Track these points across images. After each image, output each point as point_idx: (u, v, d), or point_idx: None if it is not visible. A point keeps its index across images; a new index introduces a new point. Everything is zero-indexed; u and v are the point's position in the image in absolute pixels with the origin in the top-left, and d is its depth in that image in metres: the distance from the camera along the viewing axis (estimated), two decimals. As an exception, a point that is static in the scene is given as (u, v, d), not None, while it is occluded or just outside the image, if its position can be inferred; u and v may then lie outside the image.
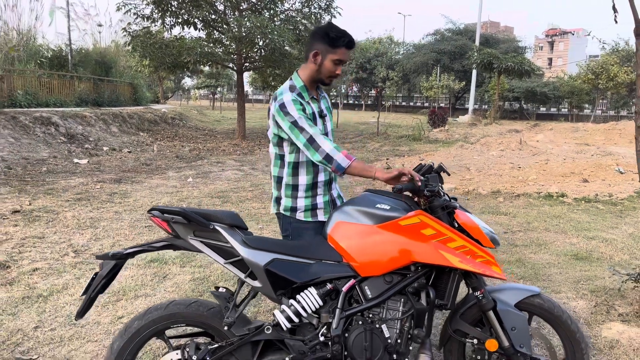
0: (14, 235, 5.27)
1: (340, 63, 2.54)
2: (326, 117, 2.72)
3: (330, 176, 2.72)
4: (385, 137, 17.78)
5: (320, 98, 2.72)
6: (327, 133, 2.72)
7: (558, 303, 2.44)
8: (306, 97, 2.58)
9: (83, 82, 20.71)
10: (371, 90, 57.23)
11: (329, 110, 2.79)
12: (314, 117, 2.59)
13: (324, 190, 2.69)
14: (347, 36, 2.53)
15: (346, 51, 2.53)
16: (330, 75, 2.57)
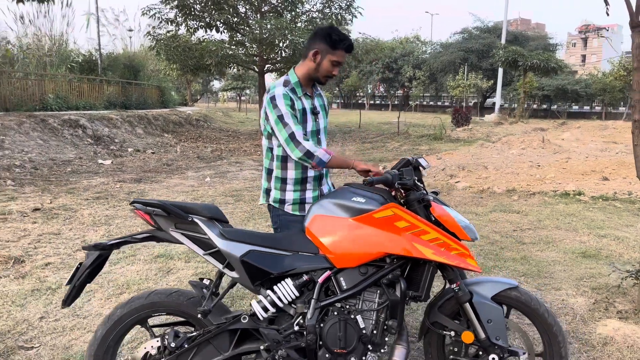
0: (31, 232, 5.50)
1: (337, 65, 2.64)
2: (319, 115, 2.78)
3: (321, 172, 2.77)
4: (406, 136, 17.70)
5: (315, 95, 2.78)
6: (319, 130, 2.78)
7: (536, 296, 2.43)
8: (299, 93, 2.65)
9: (112, 85, 21.30)
10: (398, 90, 56.93)
11: (323, 108, 2.85)
12: (304, 113, 2.66)
13: (314, 185, 2.76)
14: (348, 40, 2.63)
15: (344, 54, 2.64)
16: (327, 75, 2.66)
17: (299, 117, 2.61)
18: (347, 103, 59.55)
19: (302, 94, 2.67)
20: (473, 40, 44.01)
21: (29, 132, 12.45)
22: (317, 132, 2.76)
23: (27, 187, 8.15)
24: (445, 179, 9.03)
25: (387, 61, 51.08)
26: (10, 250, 4.85)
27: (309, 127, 2.69)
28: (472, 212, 6.69)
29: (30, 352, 3.05)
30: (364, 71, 52.40)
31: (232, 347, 2.34)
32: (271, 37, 14.87)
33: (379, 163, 11.40)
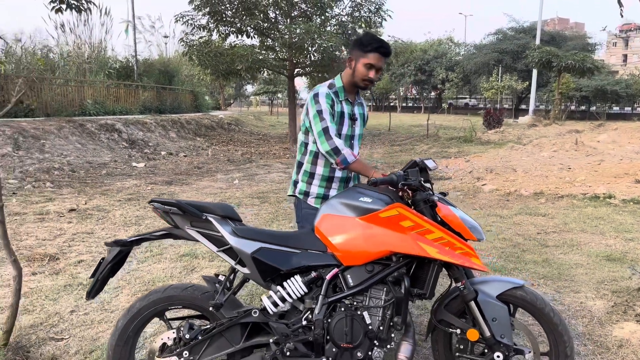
0: (67, 231, 5.77)
1: (372, 68, 2.73)
2: (356, 122, 2.95)
3: (349, 174, 2.93)
4: (435, 139, 17.59)
5: (356, 103, 2.94)
6: (354, 136, 2.94)
7: (542, 296, 2.46)
8: (340, 97, 2.83)
9: (147, 90, 21.90)
10: (430, 92, 56.45)
11: (362, 117, 3.02)
12: (342, 116, 2.83)
13: (339, 185, 2.92)
14: (377, 42, 2.72)
15: (378, 57, 2.73)
16: (363, 78, 2.77)
17: (336, 119, 2.79)
18: (379, 106, 59.36)
19: (343, 99, 2.85)
20: (507, 41, 43.25)
21: (68, 136, 12.96)
22: (352, 138, 2.92)
23: (64, 188, 8.51)
24: (472, 181, 8.97)
25: (419, 63, 50.73)
26: (46, 248, 5.12)
27: (344, 131, 2.86)
28: (496, 215, 6.65)
29: (60, 343, 3.24)
30: (395, 74, 52.18)
31: (243, 340, 2.45)
32: (300, 41, 15.04)
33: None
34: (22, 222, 6.16)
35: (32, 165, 10.42)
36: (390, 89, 53.19)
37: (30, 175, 9.52)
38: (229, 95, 48.75)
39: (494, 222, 6.28)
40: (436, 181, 9.38)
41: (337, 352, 2.41)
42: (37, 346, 3.18)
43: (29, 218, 6.34)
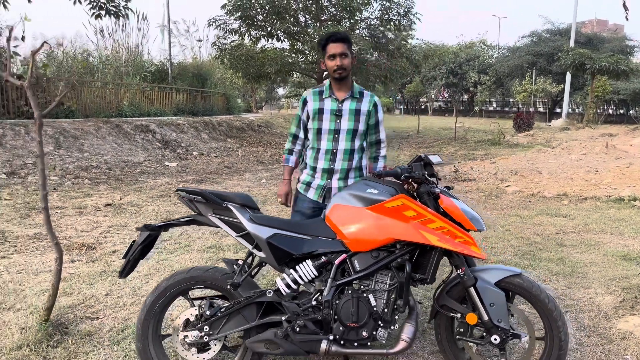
0: (103, 224, 6.14)
1: (333, 57, 3.05)
2: (343, 117, 3.15)
3: (331, 167, 3.17)
4: (463, 141, 17.56)
5: (347, 99, 3.16)
6: (339, 130, 3.16)
7: (538, 283, 2.61)
8: (325, 94, 3.17)
9: (180, 93, 22.54)
10: (462, 95, 55.94)
11: (353, 112, 3.18)
12: (320, 112, 3.12)
13: (322, 175, 3.18)
14: (327, 35, 3.12)
15: (333, 45, 3.06)
16: (333, 69, 3.09)
17: (312, 116, 3.13)
18: (410, 109, 59.13)
19: (327, 96, 3.16)
20: (542, 44, 42.51)
21: (105, 136, 13.54)
22: (336, 132, 3.14)
23: (101, 185, 8.96)
24: (496, 183, 9.02)
25: (451, 66, 50.38)
26: (84, 239, 5.48)
27: (325, 126, 3.13)
28: (517, 215, 6.72)
29: (96, 322, 3.54)
30: (427, 77, 51.94)
31: (258, 318, 2.69)
32: (329, 44, 15.25)
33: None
34: (62, 215, 6.57)
35: (72, 164, 10.97)
36: (422, 92, 52.92)
37: (70, 172, 10.04)
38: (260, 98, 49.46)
39: (513, 222, 6.36)
40: (460, 182, 9.47)
41: (343, 330, 2.61)
42: (75, 324, 3.48)
43: (69, 211, 6.76)
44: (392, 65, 16.07)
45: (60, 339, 3.22)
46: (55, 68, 18.48)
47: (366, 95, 3.23)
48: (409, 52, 17.19)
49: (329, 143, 3.19)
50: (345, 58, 3.07)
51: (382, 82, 17.21)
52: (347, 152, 3.19)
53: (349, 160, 3.22)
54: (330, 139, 3.17)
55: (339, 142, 3.18)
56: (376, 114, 3.27)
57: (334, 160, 3.20)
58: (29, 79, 3.04)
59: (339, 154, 3.20)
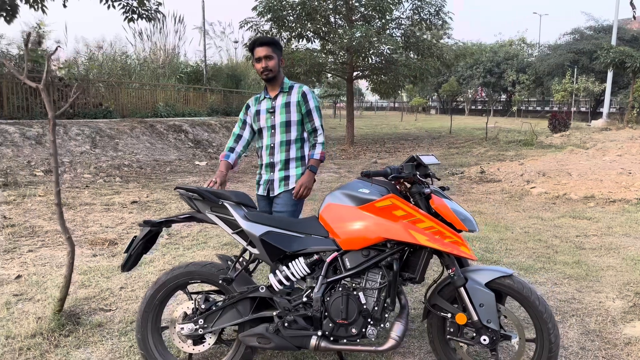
0: (127, 220, 6.38)
1: (259, 60, 3.27)
2: (275, 113, 3.37)
3: (271, 160, 3.41)
4: (494, 142, 17.24)
5: (278, 95, 3.37)
6: (274, 125, 3.39)
7: (529, 285, 2.60)
8: (261, 97, 3.44)
9: (214, 94, 22.99)
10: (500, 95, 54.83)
11: (284, 105, 3.36)
12: (258, 113, 3.42)
13: (266, 171, 3.45)
14: (253, 40, 3.38)
15: (259, 48, 3.28)
16: (261, 71, 3.30)
17: (253, 118, 3.45)
18: (446, 109, 58.34)
19: (263, 98, 3.44)
20: (585, 41, 41.20)
21: (139, 136, 13.96)
22: (272, 128, 3.39)
23: (131, 183, 9.28)
24: (522, 184, 8.85)
25: (488, 65, 49.47)
26: (107, 234, 5.71)
27: (263, 124, 3.40)
28: (538, 217, 6.60)
29: (108, 314, 3.71)
30: (463, 76, 51.17)
31: (251, 312, 2.77)
32: (359, 45, 15.30)
33: (460, 167, 11.37)
34: (90, 211, 6.85)
35: (106, 162, 11.38)
36: (458, 91, 52.14)
37: (103, 170, 10.42)
38: (295, 98, 49.72)
39: (533, 224, 6.25)
40: (485, 183, 9.33)
41: (333, 327, 2.66)
42: (87, 314, 3.66)
43: (97, 208, 7.04)
44: (422, 64, 15.93)
45: (72, 329, 3.39)
46: (96, 70, 19.17)
47: (295, 87, 3.42)
48: (439, 51, 17.00)
49: (268, 139, 3.41)
50: (270, 60, 3.27)
51: (412, 82, 17.09)
52: (284, 143, 3.39)
53: (286, 151, 3.40)
54: (269, 134, 3.40)
55: (276, 136, 3.40)
56: (306, 103, 3.39)
57: (273, 154, 3.41)
58: (44, 80, 3.22)
59: (277, 147, 3.40)
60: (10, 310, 3.71)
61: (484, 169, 10.52)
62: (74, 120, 13.76)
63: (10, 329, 3.37)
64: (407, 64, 15.69)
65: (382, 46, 15.23)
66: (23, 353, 3.09)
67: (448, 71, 20.37)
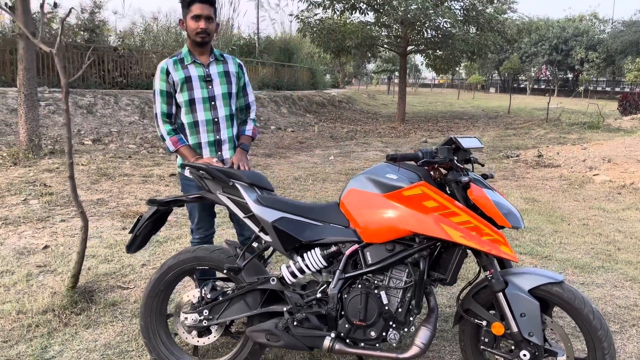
0: (162, 193, 6.28)
1: (199, 18, 2.76)
2: (214, 81, 2.90)
3: (217, 137, 2.93)
4: (555, 123, 16.15)
5: (211, 63, 2.91)
6: (214, 97, 2.91)
7: (582, 295, 2.20)
8: (187, 61, 2.85)
9: (266, 67, 22.79)
10: (567, 73, 51.90)
11: (223, 74, 2.94)
12: (188, 80, 2.83)
13: (210, 150, 2.94)
14: None
15: (200, 6, 2.76)
16: (195, 32, 2.78)
17: (180, 87, 2.82)
18: (506, 87, 55.86)
19: (190, 62, 2.85)
20: (663, 17, 38.15)
21: (188, 108, 13.97)
22: (212, 99, 2.90)
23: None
24: (583, 171, 8.14)
25: (555, 42, 46.75)
26: (140, 207, 5.62)
27: (198, 94, 2.86)
28: (600, 208, 5.99)
29: (125, 292, 3.57)
30: (527, 53, 48.67)
31: (260, 305, 2.51)
32: (414, 18, 14.59)
33: (516, 150, 10.67)
34: (128, 182, 6.81)
35: (152, 133, 11.43)
36: (520, 69, 49.64)
37: (148, 141, 10.46)
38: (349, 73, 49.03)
39: (594, 216, 5.67)
40: (542, 168, 8.67)
41: (349, 328, 2.37)
42: (104, 292, 3.52)
43: (135, 179, 6.99)
44: (481, 39, 15.02)
45: (85, 306, 3.26)
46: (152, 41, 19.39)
47: (228, 57, 3.01)
48: (501, 25, 15.98)
49: (207, 112, 2.91)
50: (211, 22, 2.82)
51: (470, 58, 16.21)
52: (228, 118, 2.97)
53: (232, 127, 3.01)
54: (207, 107, 2.90)
55: (218, 110, 2.93)
56: (243, 75, 3.06)
57: (218, 130, 2.95)
58: (57, 45, 3.03)
59: (222, 122, 2.95)
60: (29, 283, 3.64)
61: (542, 152, 9.80)
62: (125, 91, 13.92)
63: (24, 303, 3.28)
64: (465, 38, 14.84)
65: (439, 19, 14.45)
66: (31, 330, 2.98)
67: (510, 47, 19.20)
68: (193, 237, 3.15)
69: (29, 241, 4.54)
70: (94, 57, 14.47)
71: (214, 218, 3.14)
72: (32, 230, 4.81)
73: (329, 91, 25.71)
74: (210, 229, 3.15)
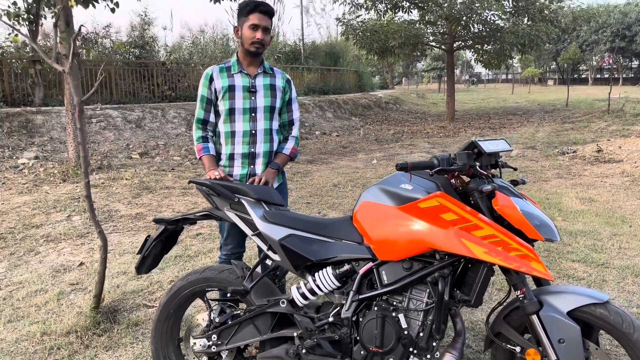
0: (199, 205, 6.27)
1: (256, 28, 2.69)
2: (258, 93, 2.80)
3: (252, 150, 2.80)
4: (618, 115, 15.09)
5: (259, 74, 2.82)
6: (256, 108, 2.81)
7: (631, 317, 1.89)
8: (234, 70, 2.79)
9: (312, 72, 22.78)
10: (632, 60, 49.01)
11: (268, 87, 2.83)
12: (231, 89, 2.77)
13: (243, 163, 2.83)
14: (254, 3, 2.68)
15: (260, 16, 2.68)
16: (251, 41, 2.70)
17: (222, 95, 2.76)
18: (566, 79, 53.34)
19: (237, 71, 2.79)
20: None
21: (233, 117, 14.10)
22: (253, 110, 2.79)
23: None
24: (648, 166, 7.49)
25: (618, 28, 44.25)
26: (176, 220, 5.60)
27: (239, 104, 2.77)
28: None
29: (150, 310, 3.50)
30: (587, 41, 46.34)
31: (271, 330, 2.34)
32: (459, 12, 14.09)
33: (573, 145, 10.00)
34: (168, 195, 6.86)
35: (198, 144, 11.57)
36: (580, 59, 47.28)
37: (192, 153, 10.58)
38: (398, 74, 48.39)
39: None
40: (602, 164, 8.05)
41: (365, 355, 2.16)
42: (128, 311, 3.47)
43: (175, 192, 7.04)
44: (532, 31, 14.26)
45: (107, 327, 3.21)
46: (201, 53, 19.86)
47: (277, 71, 2.94)
48: (553, 14, 15.15)
49: (246, 123, 2.79)
50: (267, 34, 2.75)
51: (521, 51, 15.44)
52: (267, 132, 2.85)
53: (270, 142, 2.85)
54: (247, 118, 2.80)
55: (258, 122, 2.81)
56: (290, 91, 2.96)
57: (255, 143, 2.81)
58: (69, 63, 2.99)
59: (259, 135, 2.81)
60: (59, 302, 3.65)
61: (602, 147, 9.12)
62: (173, 104, 14.23)
63: (50, 324, 3.27)
64: (515, 30, 14.15)
65: (486, 12, 13.85)
66: (53, 353, 2.95)
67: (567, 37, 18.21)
68: (221, 254, 3.06)
69: (67, 258, 4.59)
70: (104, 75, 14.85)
71: (246, 236, 3.00)
72: (71, 247, 4.88)
73: (375, 93, 25.37)
74: (239, 247, 3.04)
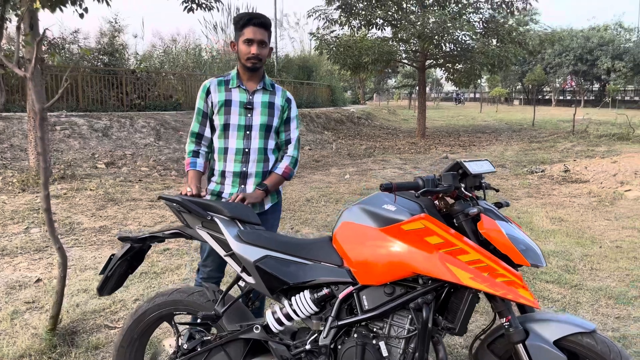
0: (167, 219, 6.05)
1: (251, 42, 2.57)
2: (254, 110, 2.69)
3: (244, 169, 2.68)
4: (582, 136, 15.51)
5: (258, 91, 2.70)
6: (251, 126, 2.69)
7: (618, 348, 1.83)
8: (232, 84, 2.68)
9: (284, 85, 22.71)
10: (593, 84, 50.71)
11: (266, 105, 2.71)
12: (227, 104, 2.65)
13: (234, 181, 2.70)
14: (247, 15, 2.59)
15: (254, 29, 2.56)
16: (246, 57, 2.59)
17: (217, 109, 2.66)
18: (531, 99, 54.81)
19: (235, 86, 2.68)
20: (693, 23, 37.00)
21: (204, 128, 13.86)
22: (248, 128, 2.67)
23: (185, 177, 9.04)
24: (614, 186, 7.65)
25: (579, 52, 45.77)
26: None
27: (234, 121, 2.66)
28: (635, 228, 5.53)
29: (111, 332, 3.30)
30: (551, 64, 47.76)
31: (243, 358, 2.20)
32: (432, 32, 14.29)
33: (541, 164, 10.19)
34: (134, 207, 6.61)
35: (166, 155, 11.32)
36: (544, 80, 48.63)
37: (161, 164, 10.32)
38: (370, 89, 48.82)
39: (628, 237, 5.22)
40: (569, 184, 8.19)
41: (344, 386, 2.04)
42: (88, 333, 3.26)
43: (142, 204, 6.79)
44: (501, 52, 14.59)
45: (64, 351, 3.00)
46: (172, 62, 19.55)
47: (278, 89, 2.79)
48: (521, 37, 15.55)
49: (240, 141, 2.66)
50: (264, 48, 2.62)
51: (490, 71, 15.74)
52: (262, 151, 2.71)
53: (264, 162, 2.72)
54: (241, 135, 2.67)
55: (252, 140, 2.68)
56: (289, 110, 2.80)
57: (247, 162, 2.68)
58: (32, 69, 2.81)
59: (252, 154, 2.68)
60: (13, 322, 3.41)
61: (569, 167, 9.30)
62: (142, 113, 13.91)
63: (1, 347, 3.03)
64: (485, 51, 14.44)
65: (457, 32, 14.10)
66: (3, 379, 2.72)
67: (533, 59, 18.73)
68: (197, 276, 2.90)
69: (23, 274, 4.33)
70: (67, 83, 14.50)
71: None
72: (27, 262, 4.61)
73: (348, 108, 25.48)
74: (218, 271, 2.87)
